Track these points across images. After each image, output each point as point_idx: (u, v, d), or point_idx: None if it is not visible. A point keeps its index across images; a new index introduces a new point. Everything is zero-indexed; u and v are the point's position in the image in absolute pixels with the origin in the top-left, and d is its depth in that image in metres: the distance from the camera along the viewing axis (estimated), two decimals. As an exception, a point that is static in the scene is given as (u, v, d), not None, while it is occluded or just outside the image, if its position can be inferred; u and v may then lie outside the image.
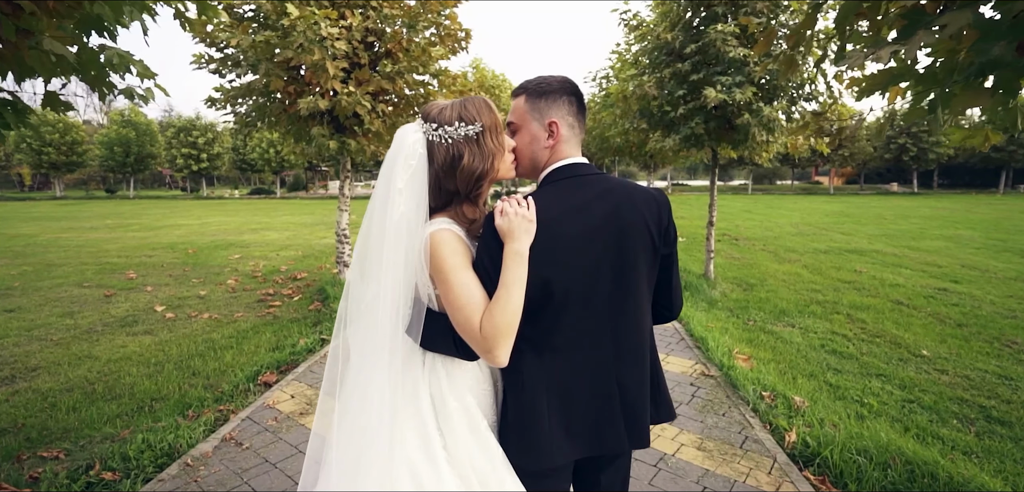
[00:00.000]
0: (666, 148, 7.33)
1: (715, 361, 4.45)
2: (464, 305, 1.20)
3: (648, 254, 1.35)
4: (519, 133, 1.38)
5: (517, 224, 1.21)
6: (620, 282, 1.31)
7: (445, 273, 1.23)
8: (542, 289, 1.24)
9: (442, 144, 1.30)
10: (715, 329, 5.38)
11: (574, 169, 1.35)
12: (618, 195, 1.32)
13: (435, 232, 1.27)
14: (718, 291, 7.19)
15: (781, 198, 34.13)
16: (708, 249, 7.85)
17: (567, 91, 1.37)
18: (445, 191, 1.33)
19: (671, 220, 1.42)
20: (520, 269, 1.19)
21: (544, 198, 1.29)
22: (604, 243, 1.28)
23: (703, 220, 16.52)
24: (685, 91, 6.68)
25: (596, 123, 15.43)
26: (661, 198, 1.41)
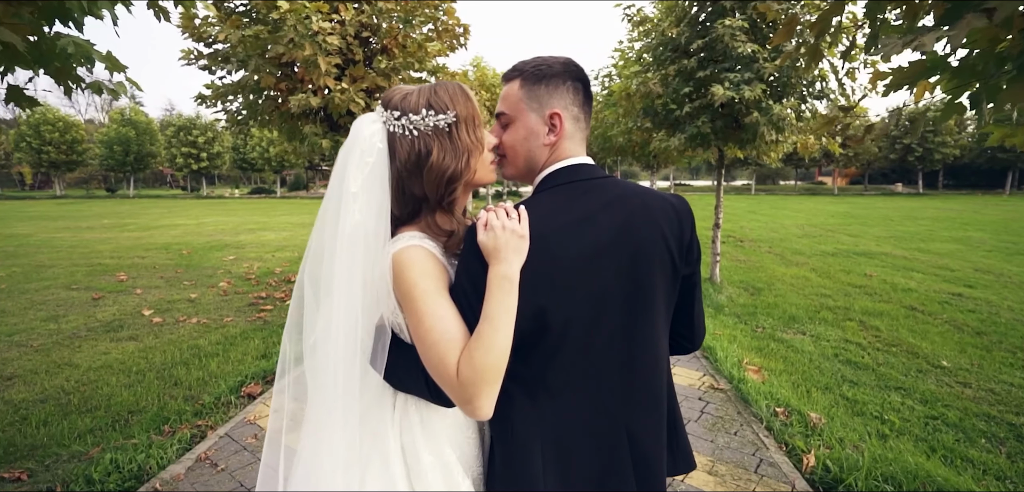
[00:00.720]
0: (671, 148, 7.09)
1: (724, 373, 4.21)
2: (437, 341, 0.96)
3: (667, 276, 1.12)
4: (512, 126, 1.14)
5: (505, 240, 0.98)
6: (632, 310, 1.08)
7: (414, 301, 1.00)
8: (536, 321, 1.01)
9: (406, 137, 1.06)
10: (723, 337, 5.14)
11: (578, 171, 1.12)
12: (631, 204, 1.09)
13: (401, 250, 1.04)
14: (725, 295, 6.95)
15: (785, 198, 33.84)
16: (714, 252, 7.61)
17: (572, 75, 1.13)
18: (411, 196, 1.10)
19: (694, 234, 1.19)
20: (508, 297, 0.96)
21: (540, 207, 1.06)
22: (614, 263, 1.05)
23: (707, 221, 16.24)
24: (691, 89, 6.44)
25: (599, 122, 15.18)
26: (682, 207, 1.18)
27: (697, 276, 1.23)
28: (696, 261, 1.21)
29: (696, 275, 1.22)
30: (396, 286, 1.02)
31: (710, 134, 6.55)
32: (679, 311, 1.23)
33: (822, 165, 48.60)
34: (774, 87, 6.32)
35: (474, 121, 1.11)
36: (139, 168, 40.92)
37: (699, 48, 6.34)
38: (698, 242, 1.22)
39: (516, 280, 0.98)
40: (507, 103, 1.15)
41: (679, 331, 1.26)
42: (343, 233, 1.04)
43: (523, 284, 0.99)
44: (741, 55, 5.99)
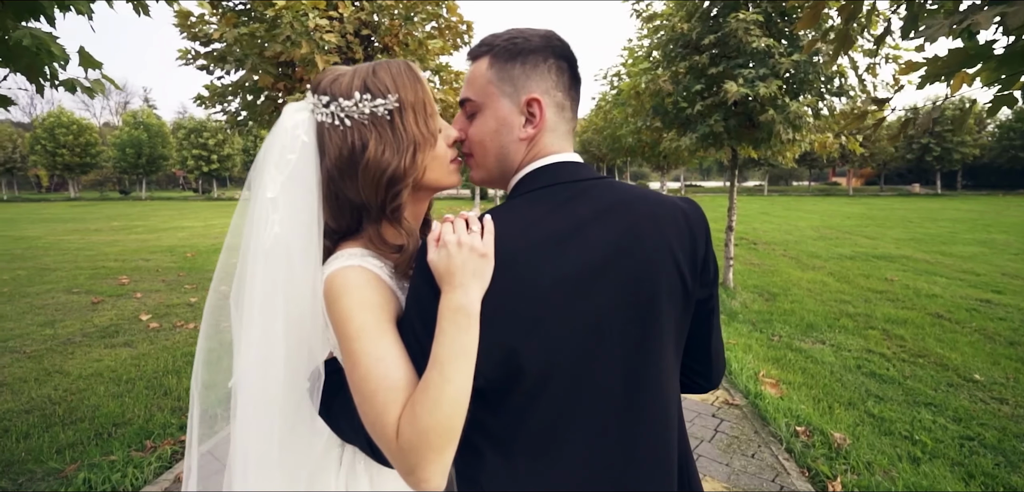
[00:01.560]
0: (681, 148, 6.83)
1: (740, 386, 3.96)
2: (373, 392, 0.76)
3: (677, 301, 0.90)
4: (480, 116, 0.92)
5: (460, 261, 0.77)
6: (634, 347, 0.86)
7: (347, 339, 0.79)
8: (505, 365, 0.79)
9: (337, 127, 0.87)
10: (738, 346, 4.88)
11: (562, 172, 0.90)
12: (631, 212, 0.87)
13: (335, 273, 0.84)
14: (738, 301, 6.67)
15: (799, 199, 33.25)
16: (727, 255, 7.33)
17: (554, 52, 0.91)
18: (347, 203, 0.89)
19: (709, 247, 0.97)
20: (463, 335, 0.75)
21: (511, 217, 0.84)
22: (609, 288, 0.83)
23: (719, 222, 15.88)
24: (702, 86, 6.19)
25: (607, 122, 14.90)
26: (694, 214, 0.95)
27: (715, 300, 1.01)
28: (713, 281, 0.99)
29: (714, 299, 1.00)
30: (330, 317, 0.82)
31: (723, 133, 6.29)
32: (693, 343, 1.00)
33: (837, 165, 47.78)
34: (790, 83, 6.04)
35: (424, 108, 0.91)
36: (151, 170, 41.32)
37: (711, 43, 6.09)
38: (715, 258, 0.99)
39: (474, 313, 0.76)
40: (473, 86, 0.92)
41: (693, 367, 1.04)
42: (260, 249, 0.84)
43: (486, 319, 0.78)
44: (755, 50, 5.73)
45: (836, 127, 6.22)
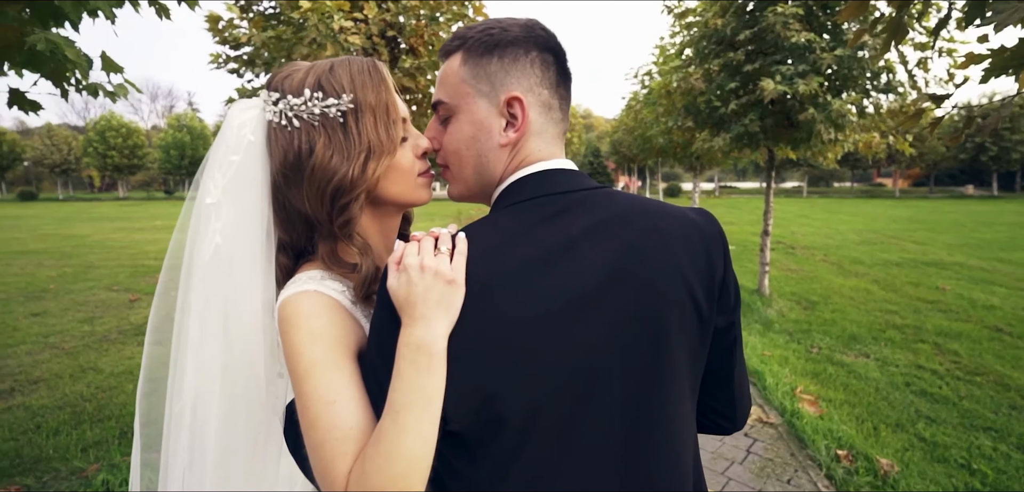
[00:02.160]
0: (714, 148, 6.56)
1: (775, 403, 3.72)
2: (322, 440, 0.67)
3: (691, 332, 0.77)
4: (454, 121, 0.80)
5: (422, 288, 0.66)
6: (639, 388, 0.73)
7: (296, 376, 0.70)
8: (483, 412, 0.67)
9: (285, 128, 0.77)
10: (773, 359, 4.61)
11: (550, 181, 0.78)
12: (631, 227, 0.75)
13: (287, 299, 0.74)
14: (775, 310, 6.35)
15: (840, 202, 31.88)
16: (762, 261, 7.00)
17: (537, 44, 0.79)
18: (297, 214, 0.80)
19: (729, 266, 0.83)
20: (424, 377, 0.64)
21: (487, 235, 0.73)
22: (606, 319, 0.71)
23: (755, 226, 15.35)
24: (737, 84, 5.91)
25: (638, 123, 14.58)
26: (709, 226, 0.82)
27: (737, 329, 0.86)
28: (734, 306, 0.84)
29: (735, 327, 0.86)
30: (283, 351, 0.72)
31: (759, 133, 6.00)
32: (712, 380, 0.87)
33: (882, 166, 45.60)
34: (833, 80, 5.71)
35: (386, 112, 0.80)
36: (194, 171, 43.02)
37: (747, 39, 5.81)
38: (735, 279, 0.85)
39: (438, 351, 0.65)
40: (445, 87, 0.80)
41: (713, 407, 0.90)
42: (199, 260, 0.75)
43: (456, 357, 0.66)
44: (795, 45, 5.43)
45: (883, 126, 5.84)
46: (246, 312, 0.77)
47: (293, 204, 0.80)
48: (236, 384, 0.79)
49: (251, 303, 0.78)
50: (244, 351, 0.79)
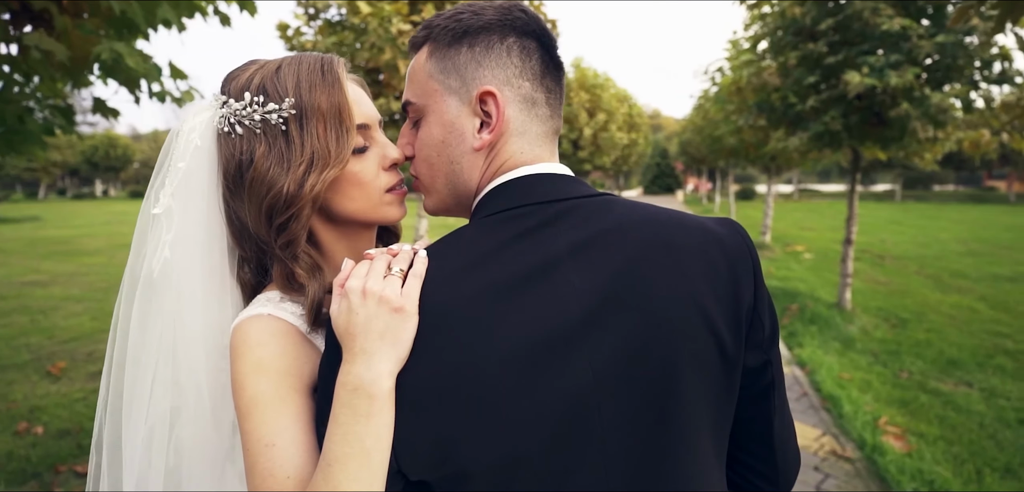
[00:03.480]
0: (790, 149, 6.04)
1: (853, 434, 3.31)
2: (260, 488, 0.60)
3: (711, 372, 0.62)
4: (423, 123, 0.69)
5: (363, 318, 0.56)
6: (640, 440, 0.59)
7: (239, 412, 0.64)
8: (443, 464, 0.55)
9: (229, 135, 0.71)
10: (853, 383, 4.15)
11: (534, 188, 0.65)
12: (630, 242, 0.61)
13: (238, 324, 0.68)
14: (857, 326, 5.76)
15: (940, 207, 28.72)
16: (844, 272, 6.37)
17: (516, 28, 0.66)
18: (246, 232, 0.73)
19: (760, 288, 0.67)
20: (361, 426, 0.54)
21: (450, 253, 0.62)
22: (596, 357, 0.57)
23: (836, 232, 14.09)
24: (817, 78, 5.39)
25: (707, 122, 13.84)
26: (734, 241, 0.67)
27: (774, 368, 0.69)
28: (769, 341, 0.68)
29: (772, 367, 0.69)
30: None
31: (841, 132, 5.45)
32: (745, 431, 0.70)
33: (994, 167, 40.63)
34: (932, 71, 5.06)
35: (338, 118, 0.70)
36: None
37: (830, 28, 5.29)
38: (772, 307, 0.69)
39: (381, 392, 0.55)
40: (412, 85, 0.69)
41: (748, 464, 0.73)
42: (143, 276, 0.69)
43: (408, 401, 0.56)
44: (886, 33, 4.87)
45: (995, 122, 5.11)
46: (193, 334, 0.70)
47: (238, 217, 0.73)
48: (186, 431, 0.71)
49: (200, 324, 0.71)
50: (195, 389, 0.71)
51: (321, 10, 6.31)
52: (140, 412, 0.70)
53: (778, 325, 0.70)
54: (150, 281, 0.70)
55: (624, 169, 25.63)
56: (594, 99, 18.79)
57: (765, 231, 12.79)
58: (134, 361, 0.71)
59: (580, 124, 18.27)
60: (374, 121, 0.76)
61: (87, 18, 2.61)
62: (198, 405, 0.70)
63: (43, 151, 2.88)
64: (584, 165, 19.29)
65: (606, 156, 19.44)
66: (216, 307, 0.72)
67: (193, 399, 0.70)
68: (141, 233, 0.73)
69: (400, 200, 0.77)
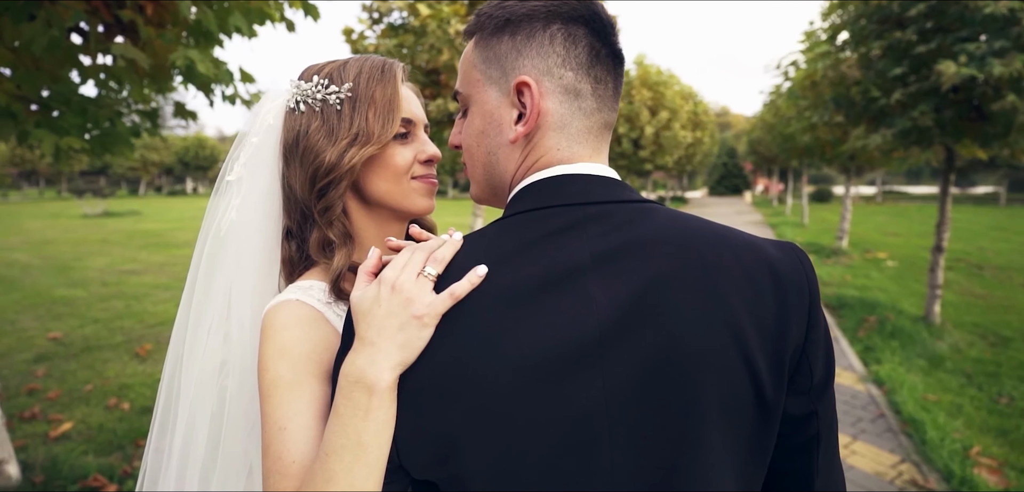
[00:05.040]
0: (871, 147, 5.56)
1: (938, 464, 2.99)
2: (268, 471, 0.63)
3: (742, 412, 0.55)
4: (468, 113, 0.68)
5: (384, 311, 0.56)
6: (654, 474, 0.54)
7: (260, 391, 0.67)
8: (441, 463, 0.54)
9: (293, 111, 0.80)
10: (940, 406, 3.75)
11: (565, 189, 0.61)
12: (664, 257, 0.56)
13: (270, 308, 0.71)
14: (947, 343, 5.21)
15: (1056, 212, 25.50)
16: (932, 283, 5.79)
17: (561, 15, 0.62)
18: (293, 199, 0.81)
19: (816, 326, 0.59)
20: (359, 421, 0.54)
21: (471, 253, 0.60)
22: (611, 380, 0.53)
23: (923, 238, 12.83)
24: (905, 69, 4.92)
25: (778, 119, 13.05)
26: (791, 270, 0.59)
27: (822, 424, 0.61)
28: (819, 390, 0.60)
29: (817, 419, 0.60)
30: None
31: (933, 128, 4.94)
32: (779, 483, 0.62)
33: (1124, 168, 35.46)
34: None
35: (387, 108, 0.77)
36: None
37: (921, 14, 4.81)
38: (829, 347, 0.60)
39: (381, 389, 0.54)
40: (460, 75, 0.69)
41: None
42: (210, 236, 0.79)
43: (409, 392, 0.55)
44: (990, 17, 4.35)
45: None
46: (247, 298, 0.78)
47: (290, 185, 0.81)
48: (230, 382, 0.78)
49: (252, 290, 0.78)
50: (240, 344, 0.78)
51: (384, 14, 6.52)
52: (197, 358, 0.78)
53: (833, 372, 0.62)
54: (218, 239, 0.78)
55: (688, 169, 24.72)
56: (657, 97, 18.26)
57: (842, 235, 11.88)
58: (198, 311, 0.79)
59: (642, 122, 17.82)
60: (419, 121, 0.83)
61: (168, 28, 2.82)
62: (242, 359, 0.77)
63: (131, 151, 3.15)
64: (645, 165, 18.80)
65: (668, 155, 18.84)
66: (266, 271, 0.80)
67: (238, 353, 0.77)
68: (215, 197, 0.82)
69: (427, 191, 0.83)
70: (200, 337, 0.80)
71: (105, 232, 14.56)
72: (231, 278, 0.79)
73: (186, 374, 0.81)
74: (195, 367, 0.79)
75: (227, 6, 2.86)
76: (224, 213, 0.80)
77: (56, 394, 3.80)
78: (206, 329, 0.80)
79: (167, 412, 0.83)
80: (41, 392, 3.84)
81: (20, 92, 2.52)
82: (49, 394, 3.79)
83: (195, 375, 0.80)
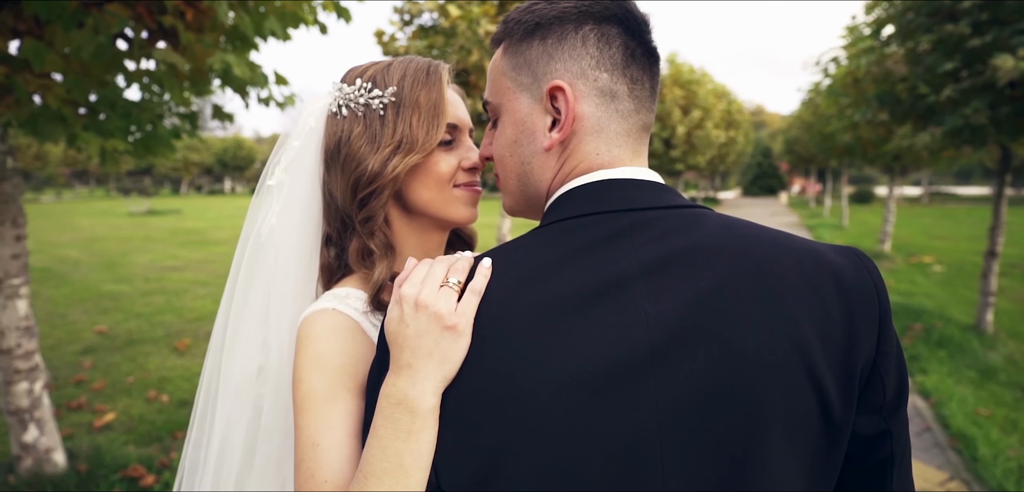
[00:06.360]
0: (918, 146, 5.31)
1: (990, 482, 2.81)
2: (300, 486, 0.62)
3: (807, 430, 0.52)
4: (499, 122, 0.66)
5: (414, 331, 0.54)
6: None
7: (294, 404, 0.66)
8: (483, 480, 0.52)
9: (335, 115, 0.78)
10: (993, 421, 3.53)
11: (606, 195, 0.58)
12: (720, 266, 0.53)
13: (305, 317, 0.70)
14: (1001, 353, 4.91)
15: (1122, 215, 23.80)
16: (985, 289, 5.47)
17: (593, 15, 0.60)
18: (334, 206, 0.80)
19: (887, 339, 0.55)
20: (401, 443, 0.53)
21: (508, 262, 0.57)
22: (664, 397, 0.50)
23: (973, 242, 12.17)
24: (957, 64, 4.67)
25: (817, 118, 12.60)
26: (857, 277, 0.55)
27: (894, 441, 0.56)
28: (893, 407, 0.55)
29: (893, 441, 0.56)
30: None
31: (987, 126, 4.67)
32: None
33: None
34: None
35: (432, 113, 0.74)
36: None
37: (975, 6, 4.55)
38: (901, 362, 0.56)
39: (424, 410, 0.53)
40: (490, 84, 0.67)
41: None
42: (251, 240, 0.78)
43: (451, 417, 0.53)
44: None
45: None
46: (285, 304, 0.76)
47: (331, 191, 0.79)
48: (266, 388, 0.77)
49: (292, 296, 0.77)
50: (278, 349, 0.77)
51: (415, 16, 6.58)
52: (236, 363, 0.78)
53: (907, 388, 0.57)
54: (258, 245, 0.78)
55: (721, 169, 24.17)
56: (689, 95, 17.93)
57: (884, 238, 11.38)
58: (237, 316, 0.79)
59: (673, 122, 17.52)
60: (465, 125, 0.81)
61: (207, 33, 2.90)
62: (279, 366, 0.75)
63: (172, 153, 3.26)
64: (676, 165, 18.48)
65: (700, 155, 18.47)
66: (305, 277, 0.78)
67: (275, 359, 0.76)
68: (256, 202, 0.82)
69: (471, 199, 0.80)
70: (239, 342, 0.80)
71: (149, 230, 15.20)
72: (270, 284, 0.78)
73: (224, 379, 0.81)
74: (234, 372, 0.79)
75: (263, 10, 2.92)
76: (265, 218, 0.79)
77: (101, 385, 3.97)
78: (245, 335, 0.80)
79: (204, 417, 0.84)
80: (87, 383, 4.02)
81: (70, 96, 2.63)
82: (95, 385, 3.97)
83: (234, 381, 0.80)
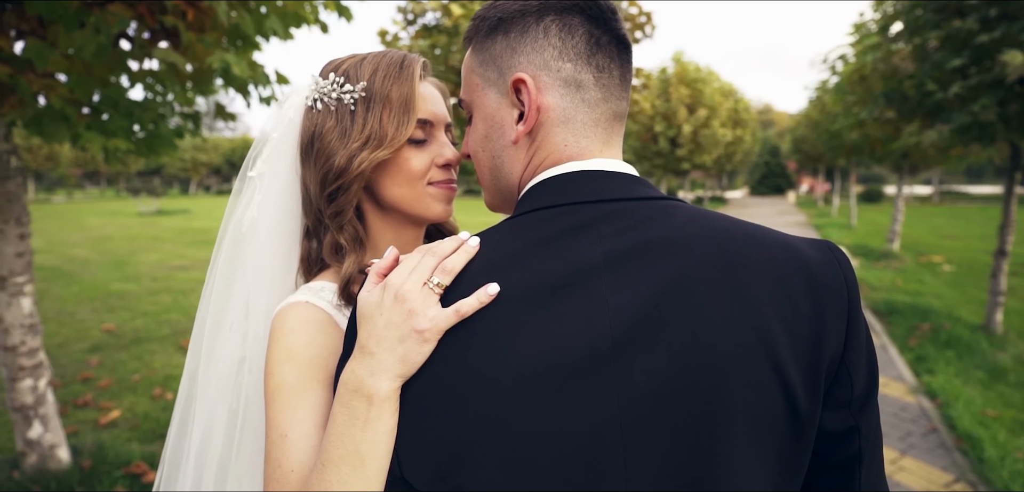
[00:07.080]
0: (925, 144, 5.25)
1: (997, 484, 2.78)
2: (268, 476, 0.63)
3: (772, 426, 0.51)
4: (472, 119, 0.67)
5: (385, 320, 0.54)
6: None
7: (265, 395, 0.67)
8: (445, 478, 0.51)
9: (311, 109, 0.79)
10: (1000, 423, 3.49)
11: (572, 187, 0.58)
12: (685, 257, 0.52)
13: (281, 309, 0.71)
14: (1010, 354, 4.85)
15: None
16: (994, 289, 5.40)
17: (553, 6, 0.60)
18: (309, 199, 0.80)
19: (855, 332, 0.54)
20: (357, 430, 0.53)
21: (486, 251, 0.57)
22: (626, 392, 0.49)
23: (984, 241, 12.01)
24: (965, 60, 4.61)
25: (824, 116, 12.48)
26: (826, 271, 0.54)
27: (862, 438, 0.55)
28: (860, 403, 0.54)
29: (859, 438, 0.55)
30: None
31: (995, 123, 4.61)
32: None
33: None
34: None
35: (403, 108, 0.74)
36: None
37: (983, 2, 4.49)
38: (871, 357, 0.55)
39: (380, 399, 0.52)
40: (462, 82, 0.68)
41: None
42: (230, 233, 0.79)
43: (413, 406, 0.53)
44: (1061, 3, 4.02)
45: None
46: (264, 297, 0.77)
47: (306, 186, 0.80)
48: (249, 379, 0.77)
49: (270, 289, 0.77)
50: (256, 341, 0.77)
51: (418, 15, 6.60)
52: (219, 355, 0.79)
53: (877, 384, 0.56)
54: (238, 237, 0.78)
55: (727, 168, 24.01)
56: (695, 94, 17.82)
57: (893, 237, 11.26)
58: (218, 308, 0.80)
59: (679, 121, 17.42)
60: (439, 120, 0.79)
61: (208, 32, 2.92)
62: (259, 357, 0.75)
63: (175, 152, 3.28)
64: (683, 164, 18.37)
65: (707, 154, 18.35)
66: (285, 269, 0.79)
67: (256, 351, 0.76)
68: (236, 193, 0.82)
69: (445, 197, 0.79)
70: (222, 334, 0.81)
71: (157, 229, 15.34)
72: (250, 276, 0.79)
73: (204, 371, 0.81)
74: (215, 364, 0.80)
75: (264, 10, 2.94)
76: (245, 209, 0.79)
77: (107, 383, 4.01)
78: (227, 326, 0.80)
79: (188, 408, 0.84)
80: (94, 380, 4.06)
81: (73, 96, 2.65)
82: (101, 383, 4.01)
83: (215, 372, 0.80)
